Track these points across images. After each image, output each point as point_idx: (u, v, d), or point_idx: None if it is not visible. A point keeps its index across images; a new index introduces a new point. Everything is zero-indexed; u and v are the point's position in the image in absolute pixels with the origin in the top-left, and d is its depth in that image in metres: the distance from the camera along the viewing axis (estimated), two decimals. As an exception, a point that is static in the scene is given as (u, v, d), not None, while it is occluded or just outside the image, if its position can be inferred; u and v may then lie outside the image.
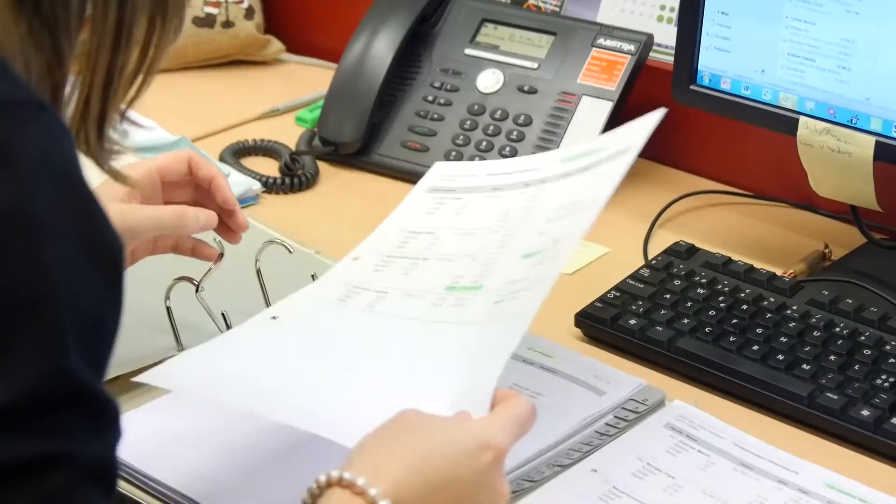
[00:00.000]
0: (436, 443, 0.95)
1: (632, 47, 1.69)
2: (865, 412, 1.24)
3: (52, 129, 0.79)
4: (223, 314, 1.31)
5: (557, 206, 1.19)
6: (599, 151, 1.20)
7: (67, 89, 0.86)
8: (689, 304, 1.39)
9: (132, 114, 0.92)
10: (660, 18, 1.76)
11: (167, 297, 1.30)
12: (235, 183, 1.64)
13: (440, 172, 1.32)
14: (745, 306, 1.38)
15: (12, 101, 0.78)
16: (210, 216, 1.27)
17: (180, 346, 1.30)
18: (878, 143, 1.40)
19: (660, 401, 1.26)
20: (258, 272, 1.35)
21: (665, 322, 1.36)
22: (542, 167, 1.24)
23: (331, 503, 0.92)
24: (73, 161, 0.80)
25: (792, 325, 1.35)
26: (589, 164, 1.20)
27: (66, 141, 0.81)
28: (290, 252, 1.36)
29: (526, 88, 1.72)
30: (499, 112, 1.71)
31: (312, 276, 1.33)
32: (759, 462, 1.20)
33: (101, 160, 0.89)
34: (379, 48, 1.74)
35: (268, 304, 1.34)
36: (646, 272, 1.44)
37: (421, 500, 0.92)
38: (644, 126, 1.17)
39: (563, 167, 1.23)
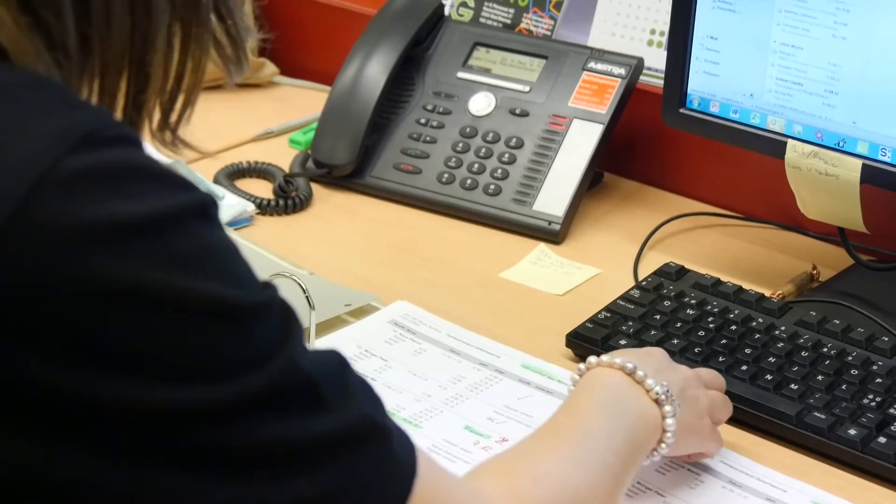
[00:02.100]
0: (648, 351, 1.22)
1: (622, 71, 1.71)
2: (853, 431, 1.26)
3: (131, 139, 0.81)
4: None
5: (510, 404, 1.31)
6: (558, 383, 1.33)
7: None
8: (678, 324, 1.40)
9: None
10: (650, 43, 1.78)
11: None
12: (229, 205, 1.66)
13: (404, 311, 1.44)
14: (734, 327, 1.39)
15: (94, 128, 0.78)
16: None
17: None
18: (864, 166, 1.42)
19: None
20: None
21: (655, 342, 1.37)
22: (501, 357, 1.37)
23: (596, 374, 1.14)
24: (150, 158, 0.82)
25: (780, 345, 1.36)
26: (545, 388, 1.33)
27: (139, 145, 0.83)
28: (304, 290, 1.35)
29: (517, 111, 1.73)
30: (491, 135, 1.73)
31: (307, 297, 1.35)
32: (747, 480, 1.21)
33: None
34: (372, 71, 1.75)
35: None
36: (636, 293, 1.46)
37: (656, 374, 1.15)
38: None
39: (521, 371, 1.35)
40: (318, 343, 1.36)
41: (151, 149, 0.89)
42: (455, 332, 1.41)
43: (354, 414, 0.85)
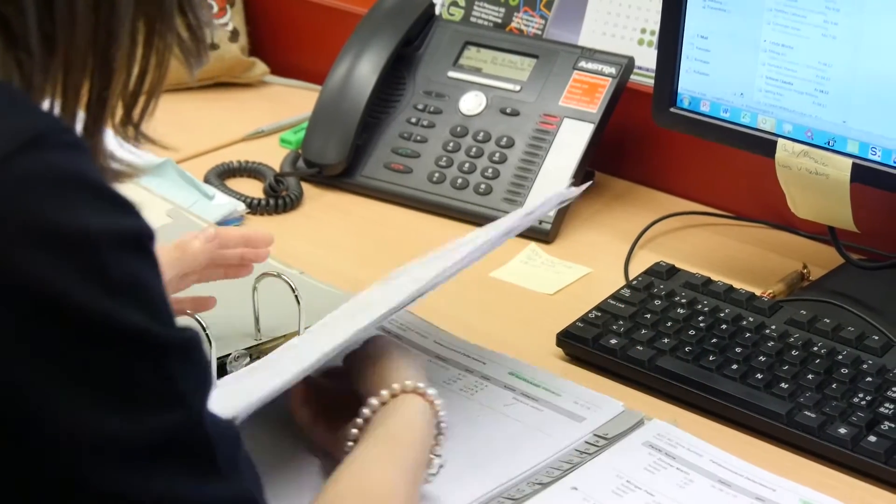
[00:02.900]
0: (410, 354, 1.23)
1: (613, 70, 1.71)
2: (843, 430, 1.26)
3: (82, 148, 0.81)
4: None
5: (499, 408, 1.31)
6: (551, 394, 1.32)
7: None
8: (669, 323, 1.40)
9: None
10: (640, 42, 1.78)
11: None
12: (220, 204, 1.66)
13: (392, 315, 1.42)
14: (724, 326, 1.39)
15: (45, 132, 0.79)
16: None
17: None
18: (855, 165, 1.42)
19: (638, 422, 1.28)
20: (254, 301, 1.37)
21: (646, 341, 1.38)
22: (488, 363, 1.37)
23: (407, 405, 1.15)
24: (97, 171, 0.82)
25: (770, 344, 1.37)
26: (535, 397, 1.32)
27: (89, 155, 0.82)
28: (293, 289, 1.36)
29: (508, 111, 1.73)
30: (481, 134, 1.73)
31: (296, 295, 1.35)
32: (737, 479, 1.21)
33: None
34: (363, 70, 1.75)
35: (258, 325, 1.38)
36: (627, 292, 1.46)
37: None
38: (601, 417, 1.30)
39: (508, 378, 1.35)
40: None
41: (116, 146, 0.89)
42: (442, 338, 1.40)
43: (240, 488, 0.85)
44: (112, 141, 0.90)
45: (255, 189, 1.74)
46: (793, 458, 1.27)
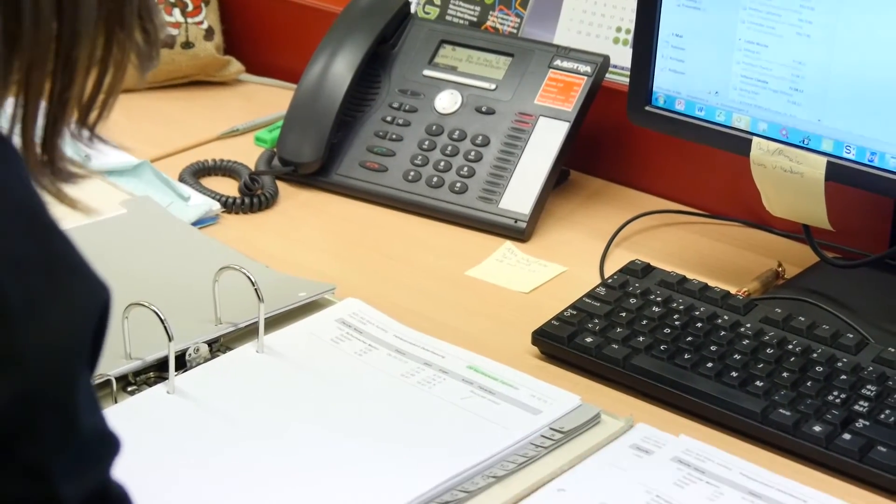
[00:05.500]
0: None
1: (588, 69, 1.71)
2: (817, 428, 1.26)
3: (9, 161, 0.80)
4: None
5: (455, 401, 1.31)
6: (509, 388, 1.32)
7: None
8: (644, 322, 1.40)
9: (103, 136, 0.92)
10: (615, 40, 1.78)
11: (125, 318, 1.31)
12: (195, 205, 1.65)
13: (353, 309, 1.43)
14: (699, 324, 1.40)
15: None
16: None
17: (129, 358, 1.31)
18: (829, 164, 1.42)
19: (595, 416, 1.28)
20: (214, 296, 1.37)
21: (621, 340, 1.38)
22: (447, 357, 1.36)
23: None
24: (31, 189, 0.80)
25: (745, 342, 1.37)
26: (492, 391, 1.32)
27: (23, 170, 0.81)
28: (252, 283, 1.36)
29: (484, 109, 1.73)
30: (457, 132, 1.73)
31: (256, 290, 1.34)
32: (765, 490, 1.21)
33: (44, 182, 0.87)
34: (338, 69, 1.75)
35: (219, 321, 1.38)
36: (602, 291, 1.46)
37: None
38: (557, 410, 1.29)
39: (466, 372, 1.35)
40: (267, 339, 1.36)
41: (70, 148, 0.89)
42: (402, 333, 1.41)
43: None
44: (68, 142, 0.90)
45: (230, 188, 1.73)
46: (768, 456, 1.27)
